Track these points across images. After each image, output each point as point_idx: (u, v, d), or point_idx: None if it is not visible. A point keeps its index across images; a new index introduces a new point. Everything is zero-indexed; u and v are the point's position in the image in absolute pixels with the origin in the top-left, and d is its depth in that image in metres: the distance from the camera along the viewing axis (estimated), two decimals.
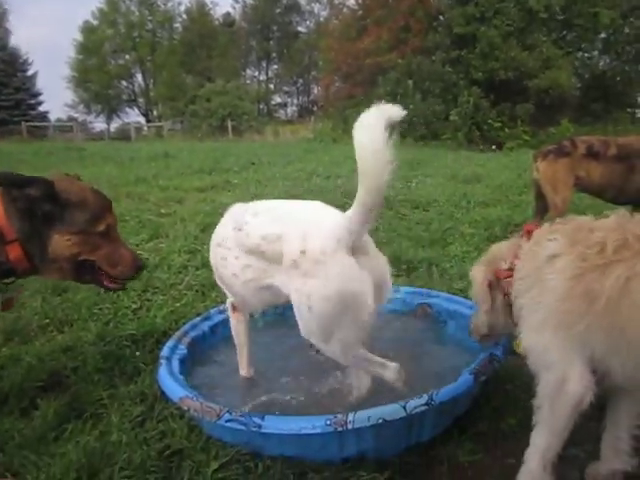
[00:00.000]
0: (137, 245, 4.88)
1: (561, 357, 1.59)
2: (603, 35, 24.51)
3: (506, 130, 19.47)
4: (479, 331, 2.06)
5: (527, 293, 1.71)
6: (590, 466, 1.79)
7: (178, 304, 3.41)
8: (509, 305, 1.88)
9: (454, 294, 3.20)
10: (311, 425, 1.73)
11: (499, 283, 1.92)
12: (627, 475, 1.74)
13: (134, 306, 3.39)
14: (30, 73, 42.85)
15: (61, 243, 1.98)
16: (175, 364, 2.29)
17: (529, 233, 1.84)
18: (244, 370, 2.43)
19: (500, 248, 2.00)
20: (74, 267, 2.08)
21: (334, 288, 1.80)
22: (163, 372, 2.17)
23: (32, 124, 33.36)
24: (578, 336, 1.55)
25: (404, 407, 1.75)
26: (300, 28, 57.52)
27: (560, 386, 1.57)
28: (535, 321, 1.66)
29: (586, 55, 25.98)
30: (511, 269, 1.84)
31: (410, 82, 21.30)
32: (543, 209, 4.71)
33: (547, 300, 1.61)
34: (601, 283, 1.49)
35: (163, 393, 2.14)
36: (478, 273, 1.99)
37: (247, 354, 2.42)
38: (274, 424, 1.77)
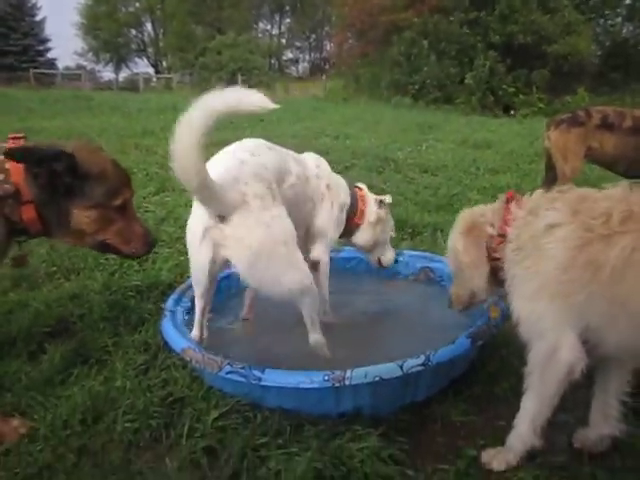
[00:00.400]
0: (144, 198, 4.90)
1: (555, 326, 1.59)
2: (628, 1, 23.71)
3: (520, 96, 19.10)
4: (461, 301, 2.03)
5: (521, 263, 1.68)
6: (579, 431, 1.84)
7: (183, 257, 3.44)
8: (493, 270, 1.84)
9: None
10: (309, 380, 1.78)
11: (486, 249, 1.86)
12: (615, 440, 1.79)
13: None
14: (39, 18, 42.05)
15: (80, 218, 1.96)
16: (179, 316, 2.34)
17: (514, 199, 1.80)
18: (245, 311, 2.51)
19: (481, 213, 1.91)
20: (91, 244, 2.09)
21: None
22: (167, 323, 2.22)
23: (40, 71, 32.91)
24: (577, 306, 1.55)
25: (401, 366, 1.80)
26: None
27: (552, 354, 1.59)
28: (529, 289, 1.64)
29: (609, 22, 25.20)
30: (501, 235, 1.80)
31: (425, 42, 20.75)
32: (553, 179, 4.67)
33: (545, 269, 1.59)
34: (606, 254, 1.48)
35: (166, 343, 2.19)
36: (459, 241, 1.91)
37: (251, 297, 2.56)
38: (273, 377, 1.82)
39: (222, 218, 1.90)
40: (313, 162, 2.52)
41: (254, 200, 1.94)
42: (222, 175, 1.91)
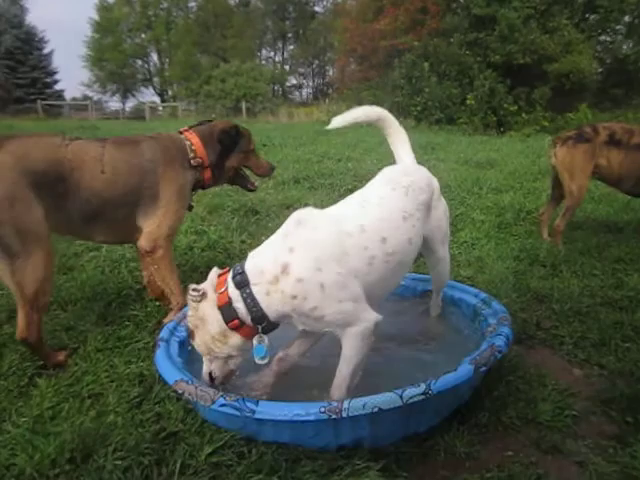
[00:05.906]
0: None
1: None
2: (627, 18, 23.86)
3: (523, 115, 19.12)
4: None
5: None
6: None
7: (182, 285, 3.39)
8: None
9: (461, 281, 3.15)
10: (305, 412, 1.70)
11: None
12: None
13: (137, 287, 3.38)
14: (46, 51, 42.83)
15: (235, 161, 3.17)
16: (174, 346, 2.27)
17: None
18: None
19: None
20: (236, 174, 3.28)
21: None
22: (160, 354, 2.15)
23: (47, 102, 33.46)
24: None
25: (400, 396, 1.72)
26: (316, 8, 56.81)
27: None
28: None
29: (608, 39, 25.34)
30: None
31: (426, 65, 20.88)
32: (559, 197, 4.59)
33: None
34: None
35: (160, 375, 2.13)
36: None
37: None
38: (268, 410, 1.74)
39: None
40: None
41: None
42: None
